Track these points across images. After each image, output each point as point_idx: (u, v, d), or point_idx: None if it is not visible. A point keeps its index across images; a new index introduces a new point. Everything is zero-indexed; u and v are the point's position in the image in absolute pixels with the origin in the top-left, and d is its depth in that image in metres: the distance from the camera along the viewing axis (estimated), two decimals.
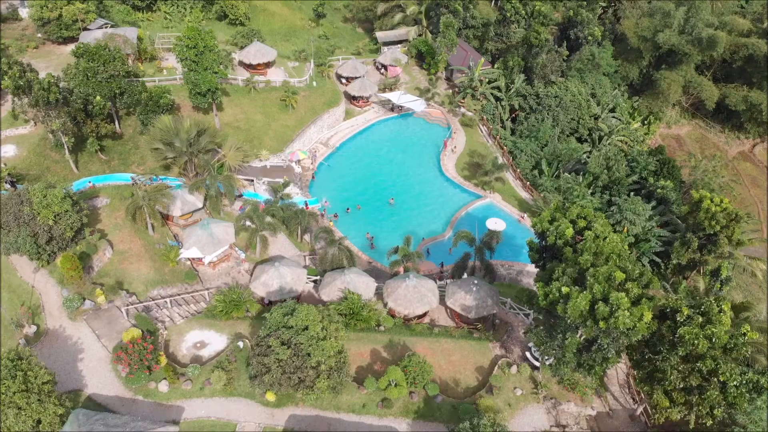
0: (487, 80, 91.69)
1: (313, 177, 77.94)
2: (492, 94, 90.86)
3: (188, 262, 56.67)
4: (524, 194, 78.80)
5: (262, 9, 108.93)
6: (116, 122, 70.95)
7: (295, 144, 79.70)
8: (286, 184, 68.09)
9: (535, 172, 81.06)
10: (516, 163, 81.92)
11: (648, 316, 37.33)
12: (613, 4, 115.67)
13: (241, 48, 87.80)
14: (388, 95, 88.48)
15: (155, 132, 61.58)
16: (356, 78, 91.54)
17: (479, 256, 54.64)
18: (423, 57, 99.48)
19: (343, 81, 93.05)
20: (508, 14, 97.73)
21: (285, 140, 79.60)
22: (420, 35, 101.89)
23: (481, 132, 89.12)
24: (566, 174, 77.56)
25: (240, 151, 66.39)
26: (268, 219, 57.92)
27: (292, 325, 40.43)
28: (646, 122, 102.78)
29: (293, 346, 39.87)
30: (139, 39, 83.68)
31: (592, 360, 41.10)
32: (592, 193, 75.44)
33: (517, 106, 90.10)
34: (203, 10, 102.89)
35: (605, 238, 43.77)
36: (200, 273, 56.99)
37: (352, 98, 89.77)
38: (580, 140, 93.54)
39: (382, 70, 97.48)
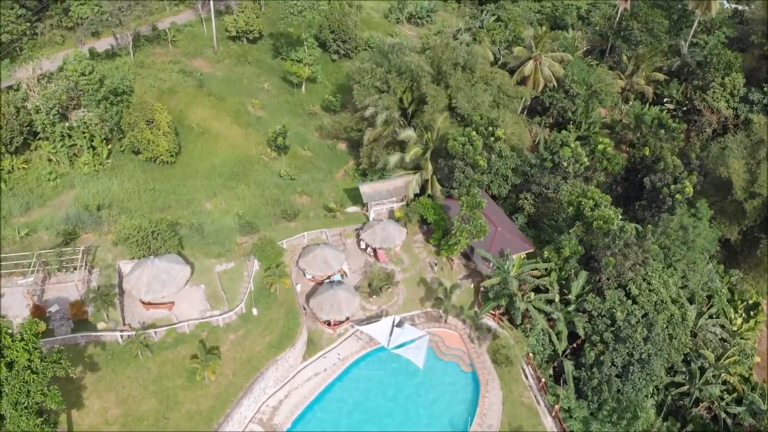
0: (529, 285, 55.06)
1: None
2: (540, 309, 54.21)
3: None
4: None
5: (202, 131, 71.11)
6: None
7: None
8: None
9: None
10: None
11: None
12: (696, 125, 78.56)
13: (132, 258, 50.31)
14: (373, 331, 51.33)
15: None
16: (327, 277, 55.31)
17: None
18: (428, 221, 62.99)
19: (307, 276, 56.61)
20: (565, 164, 60.29)
21: None
22: (423, 187, 64.79)
23: (526, 378, 52.52)
24: None
25: None
26: None
27: None
28: (752, 314, 66.09)
29: None
30: None
31: None
32: None
33: (581, 332, 53.52)
34: (109, 143, 65.84)
35: None
36: None
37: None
38: (671, 371, 57.33)
39: (369, 250, 60.84)
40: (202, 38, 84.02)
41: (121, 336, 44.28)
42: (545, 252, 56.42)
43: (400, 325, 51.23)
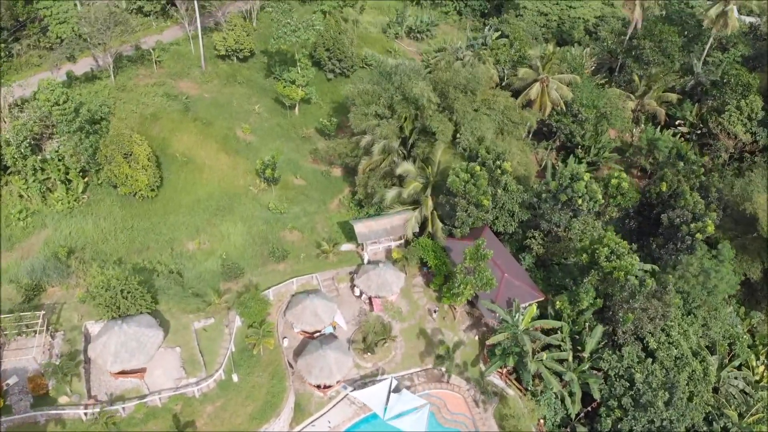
0: (539, 341, 49.72)
1: None
2: (551, 368, 48.92)
3: None
4: None
5: (186, 161, 65.52)
6: None
7: None
8: None
9: None
10: None
11: None
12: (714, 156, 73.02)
13: (99, 319, 44.76)
14: (367, 397, 46.08)
15: None
16: (317, 331, 50.14)
17: None
18: (427, 263, 57.73)
19: (295, 329, 51.39)
20: (579, 201, 54.85)
21: None
22: (423, 224, 59.46)
23: None
24: None
25: None
26: None
27: None
28: None
29: None
30: None
31: None
32: None
33: (597, 395, 48.26)
34: (85, 176, 60.64)
35: None
36: None
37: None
38: (691, 430, 52.15)
39: (364, 298, 55.63)
40: (189, 57, 78.49)
41: (85, 413, 39.06)
42: (557, 302, 51.14)
43: (397, 390, 45.99)
